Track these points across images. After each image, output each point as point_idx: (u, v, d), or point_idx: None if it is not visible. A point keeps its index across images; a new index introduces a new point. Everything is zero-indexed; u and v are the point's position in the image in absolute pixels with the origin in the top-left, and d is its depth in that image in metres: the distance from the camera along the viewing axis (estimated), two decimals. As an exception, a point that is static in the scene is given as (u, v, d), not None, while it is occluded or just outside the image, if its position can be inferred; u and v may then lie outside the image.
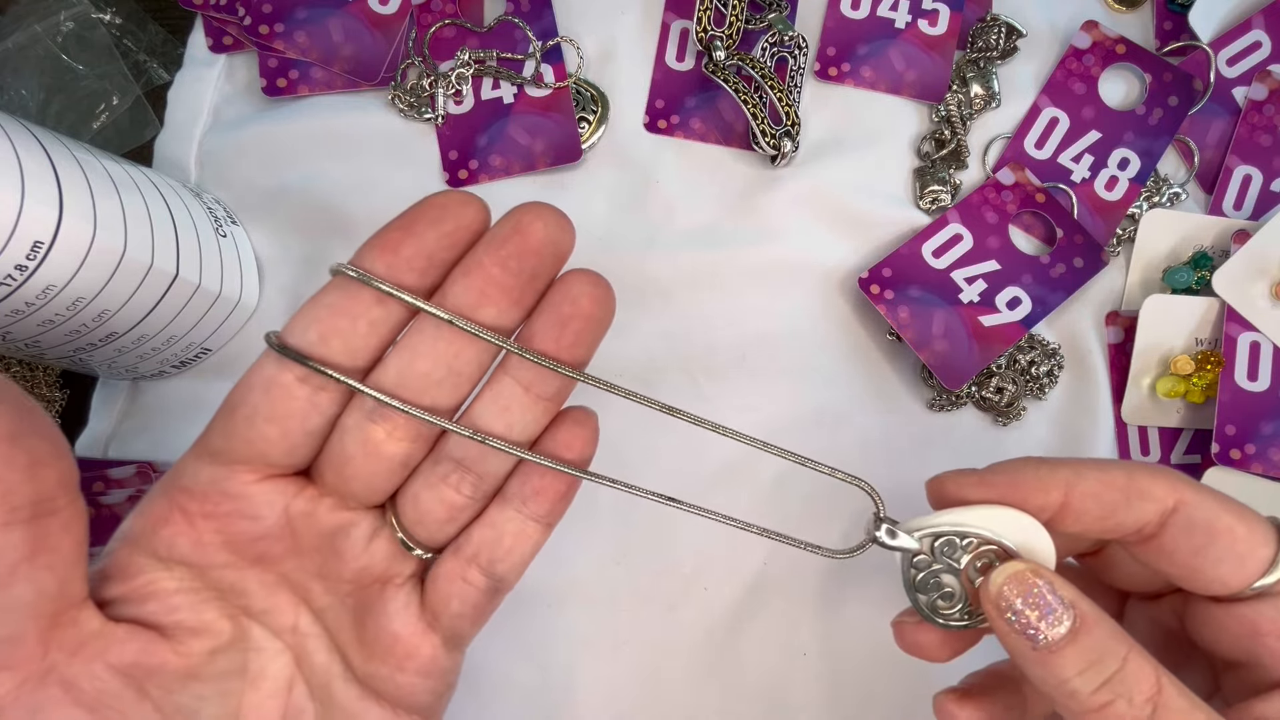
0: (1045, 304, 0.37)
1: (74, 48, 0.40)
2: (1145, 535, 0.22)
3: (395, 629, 0.23)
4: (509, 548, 0.23)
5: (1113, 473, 0.22)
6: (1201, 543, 0.21)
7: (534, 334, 0.22)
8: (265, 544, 0.22)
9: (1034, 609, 0.21)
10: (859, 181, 0.38)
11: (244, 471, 0.22)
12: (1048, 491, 0.22)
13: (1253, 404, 0.36)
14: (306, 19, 0.39)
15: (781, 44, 0.39)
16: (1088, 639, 0.21)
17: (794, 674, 0.36)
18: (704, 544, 0.36)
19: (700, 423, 0.23)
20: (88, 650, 0.20)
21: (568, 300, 0.21)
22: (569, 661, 0.35)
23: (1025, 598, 0.21)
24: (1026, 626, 0.21)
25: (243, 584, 0.22)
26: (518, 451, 0.22)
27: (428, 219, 0.21)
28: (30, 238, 0.27)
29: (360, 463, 0.22)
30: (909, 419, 0.38)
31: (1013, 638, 0.21)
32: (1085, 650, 0.20)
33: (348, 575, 0.23)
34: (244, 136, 0.39)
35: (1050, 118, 0.39)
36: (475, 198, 0.21)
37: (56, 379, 0.39)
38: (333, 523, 0.23)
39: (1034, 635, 0.21)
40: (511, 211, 0.21)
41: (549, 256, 0.21)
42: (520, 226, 0.21)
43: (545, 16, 0.39)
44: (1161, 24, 0.40)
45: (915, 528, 0.23)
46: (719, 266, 0.38)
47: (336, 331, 0.21)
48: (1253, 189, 0.38)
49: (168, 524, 0.22)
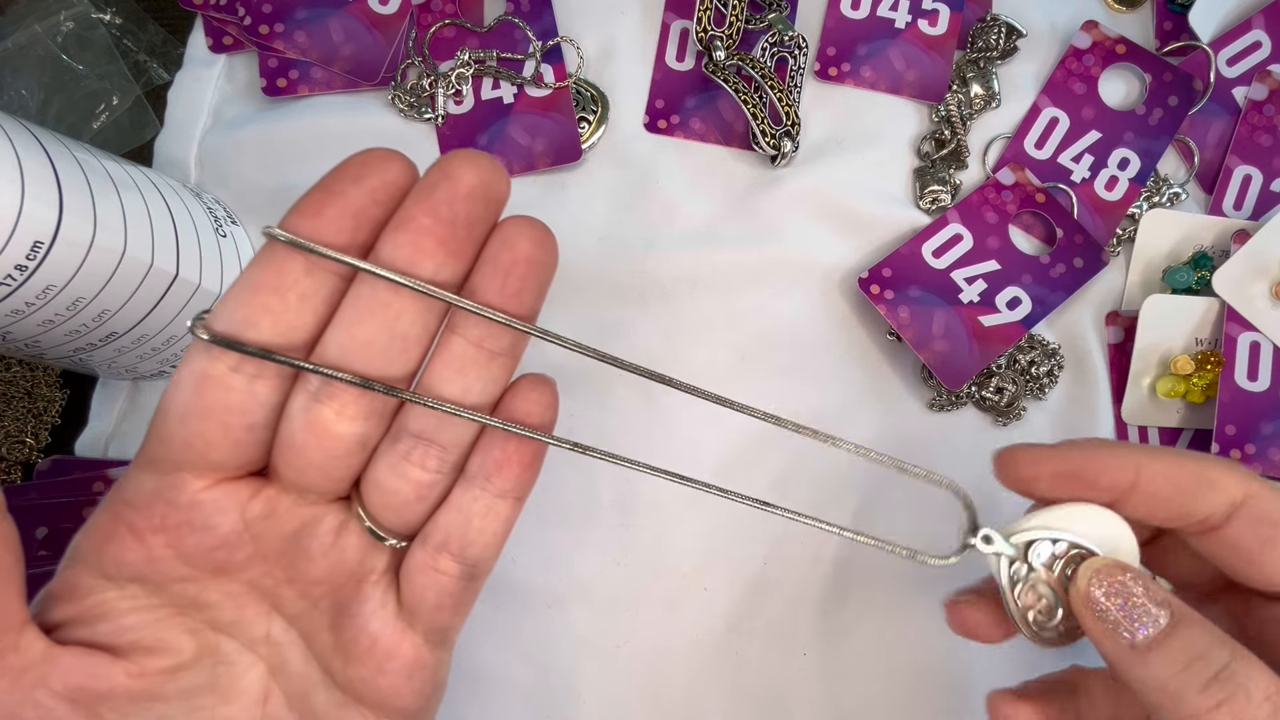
0: (1045, 304, 0.37)
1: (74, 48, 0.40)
2: (1211, 526, 0.22)
3: (373, 630, 0.22)
4: (479, 529, 0.22)
5: (1185, 460, 0.22)
6: (1268, 536, 0.21)
7: (477, 287, 0.20)
8: (224, 553, 0.21)
9: (1126, 606, 0.20)
10: (859, 181, 0.38)
11: (190, 479, 0.20)
12: (1121, 470, 0.22)
13: (1253, 404, 0.36)
14: (306, 19, 0.39)
15: (781, 44, 0.39)
16: (1187, 633, 0.20)
17: (794, 674, 0.36)
18: (704, 544, 0.36)
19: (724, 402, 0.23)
20: (29, 677, 0.19)
21: (506, 247, 0.20)
22: (569, 662, 0.35)
23: (1116, 595, 0.20)
24: (1119, 624, 0.20)
25: (205, 596, 0.21)
26: (479, 417, 0.21)
27: (350, 176, 0.19)
28: (30, 238, 0.27)
29: (313, 450, 0.20)
30: (909, 419, 0.38)
31: (1107, 637, 0.21)
32: (1186, 645, 0.20)
33: (318, 575, 0.22)
34: (244, 136, 0.39)
35: (1050, 118, 0.39)
36: (398, 153, 0.20)
37: (56, 379, 0.39)
38: (295, 521, 0.21)
39: (1129, 633, 0.20)
40: (439, 160, 0.20)
41: (482, 201, 0.20)
42: (448, 173, 0.19)
43: (545, 16, 0.39)
44: (1161, 24, 0.40)
45: (1009, 532, 0.23)
46: (719, 266, 0.38)
47: (266, 310, 0.19)
48: (1253, 189, 0.38)
49: (114, 540, 0.20)
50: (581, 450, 0.22)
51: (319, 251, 0.19)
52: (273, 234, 0.19)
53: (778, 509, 0.23)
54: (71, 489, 0.35)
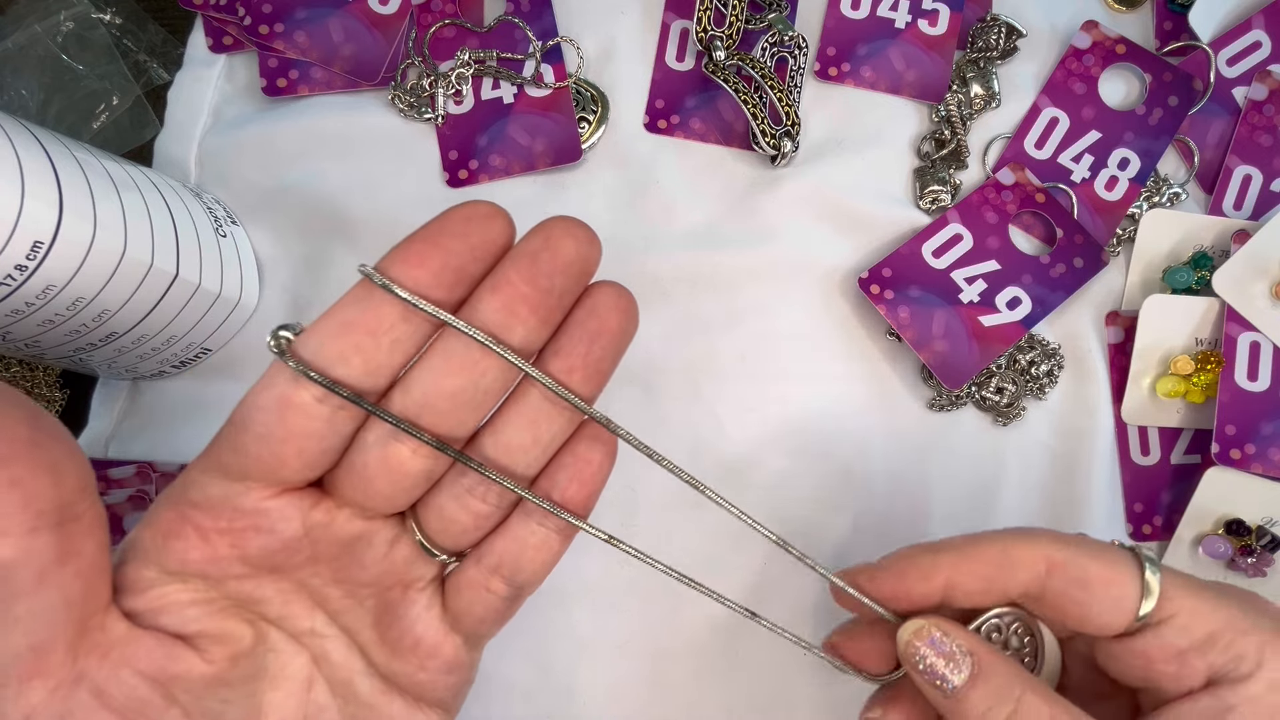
0: (1045, 304, 0.37)
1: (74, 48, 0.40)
2: (1033, 596, 0.24)
3: (418, 631, 0.23)
4: (531, 558, 0.23)
5: (986, 548, 0.24)
6: (1080, 596, 0.23)
7: (560, 350, 0.21)
8: (283, 556, 0.22)
9: (939, 659, 0.23)
10: (859, 181, 0.38)
11: (258, 488, 0.21)
12: (930, 579, 0.24)
13: (1253, 404, 0.36)
14: (306, 19, 0.39)
15: (781, 44, 0.39)
16: (986, 684, 0.23)
17: (794, 674, 0.36)
18: (705, 545, 0.36)
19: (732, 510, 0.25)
20: (115, 656, 0.20)
21: (595, 316, 0.21)
22: (570, 661, 0.35)
23: (932, 649, 0.24)
24: (934, 676, 0.23)
25: (258, 592, 0.22)
26: (544, 504, 0.22)
27: (453, 231, 0.20)
28: (30, 238, 0.27)
29: (382, 480, 0.21)
30: (909, 419, 0.38)
31: (927, 687, 0.24)
32: (986, 694, 0.23)
33: (367, 580, 0.23)
34: (244, 136, 0.39)
35: (1050, 118, 0.39)
36: (500, 210, 0.21)
37: (56, 379, 0.39)
38: (351, 531, 0.22)
39: (942, 683, 0.23)
40: (540, 227, 0.21)
41: (578, 274, 0.21)
42: (550, 242, 0.20)
43: (545, 16, 0.39)
44: (1161, 24, 0.40)
45: (975, 625, 0.25)
46: (719, 266, 0.38)
47: (358, 349, 0.20)
48: (1253, 189, 0.38)
49: (179, 538, 0.21)
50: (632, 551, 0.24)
51: (431, 311, 0.20)
52: (372, 277, 0.20)
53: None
54: (71, 489, 0.35)
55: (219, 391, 0.38)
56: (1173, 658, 0.23)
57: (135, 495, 0.35)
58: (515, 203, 0.39)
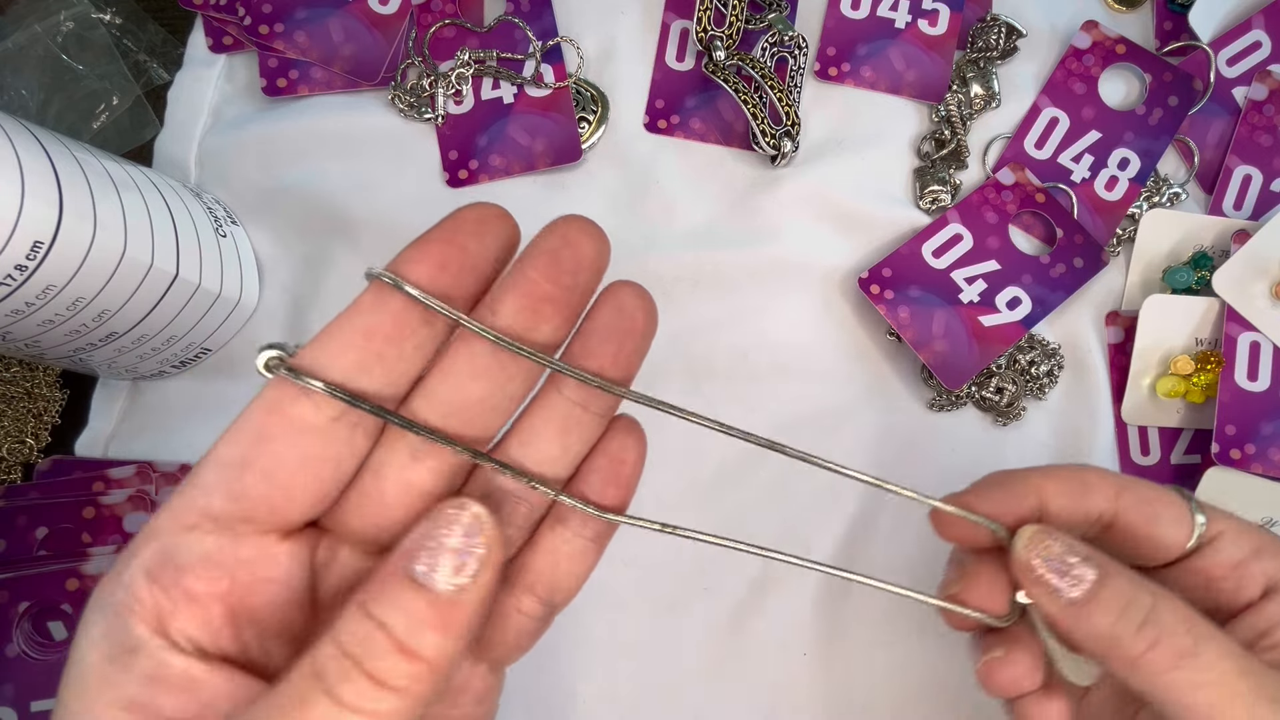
0: (1045, 304, 0.37)
1: (74, 48, 0.40)
2: (1104, 522, 0.24)
3: None
4: (567, 572, 0.21)
5: (1063, 472, 0.24)
6: (1149, 514, 0.23)
7: (591, 350, 0.20)
8: (292, 609, 0.19)
9: (1059, 568, 0.22)
10: (859, 181, 0.38)
11: (255, 534, 0.19)
12: (1030, 496, 0.24)
13: (1253, 404, 0.36)
14: (306, 19, 0.39)
15: (781, 44, 0.39)
16: (1115, 585, 0.22)
17: (794, 674, 0.36)
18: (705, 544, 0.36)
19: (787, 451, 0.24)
20: None
21: (621, 315, 0.20)
22: (570, 661, 0.35)
23: (1049, 559, 0.22)
24: (1055, 586, 0.22)
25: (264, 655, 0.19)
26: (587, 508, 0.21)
27: (469, 231, 0.19)
28: (30, 238, 0.27)
29: (402, 509, 0.19)
30: (909, 419, 0.38)
31: (1048, 599, 0.22)
32: (1116, 594, 0.22)
33: None
34: (244, 136, 0.39)
35: (1050, 118, 0.39)
36: (508, 212, 0.20)
37: (56, 379, 0.39)
38: (357, 569, 0.20)
39: (1068, 589, 0.22)
40: (555, 225, 0.20)
41: (597, 272, 0.20)
42: (570, 240, 0.19)
43: (545, 16, 0.39)
44: (1161, 24, 0.40)
45: None
46: (719, 266, 0.38)
47: (380, 358, 0.18)
48: (1253, 189, 0.38)
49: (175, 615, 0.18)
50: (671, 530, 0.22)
51: (456, 317, 0.18)
52: (388, 280, 0.18)
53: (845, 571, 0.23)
54: (71, 489, 0.35)
55: (219, 391, 0.38)
56: (1230, 571, 0.23)
57: (135, 495, 0.35)
58: (515, 203, 0.39)
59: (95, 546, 0.33)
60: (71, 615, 0.32)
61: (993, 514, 0.23)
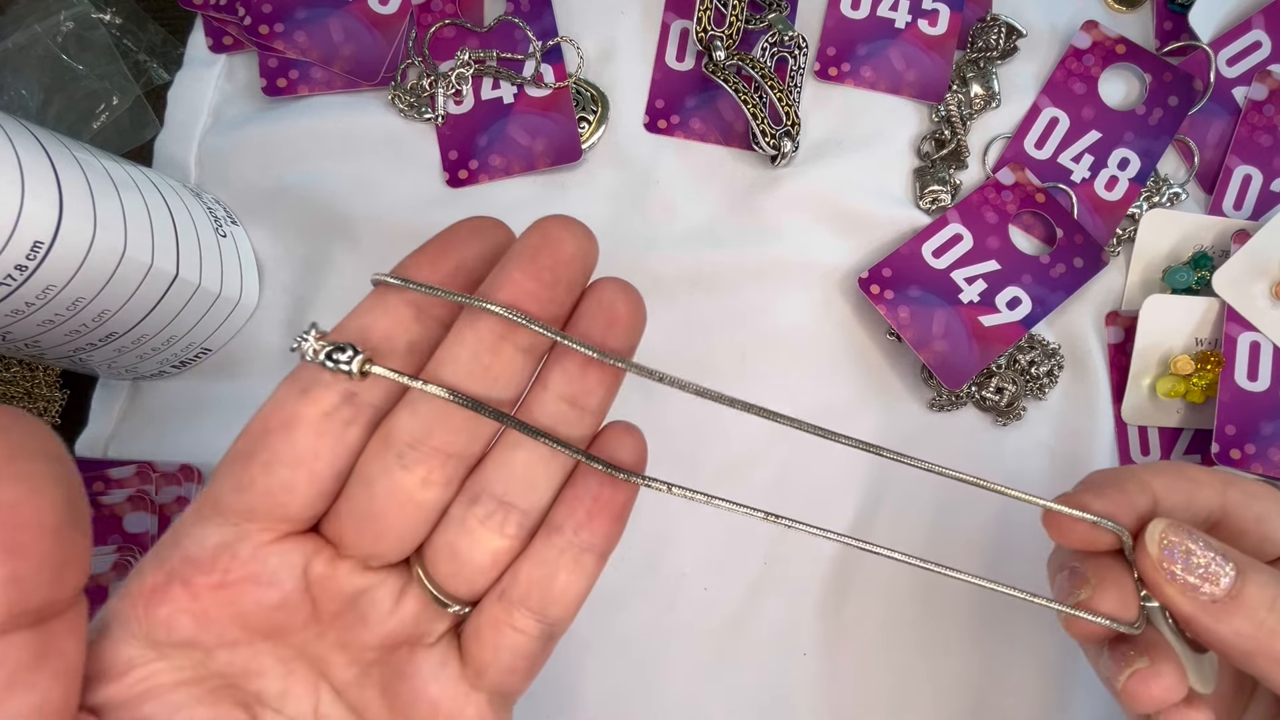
0: (1045, 304, 0.37)
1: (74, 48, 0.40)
2: (1213, 519, 0.23)
3: (433, 694, 0.20)
4: (565, 584, 0.20)
5: (1169, 468, 0.23)
6: (1259, 509, 0.22)
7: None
8: (282, 614, 0.20)
9: (1196, 565, 0.21)
10: (859, 181, 0.38)
11: (258, 531, 0.19)
12: (1145, 491, 0.22)
13: (1253, 404, 0.36)
14: (306, 19, 0.39)
15: (781, 44, 0.39)
16: (1258, 578, 0.21)
17: (794, 674, 0.36)
18: (704, 544, 0.36)
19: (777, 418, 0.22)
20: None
21: (605, 308, 0.20)
22: (569, 661, 0.35)
23: (1185, 556, 0.21)
24: (1195, 584, 0.21)
25: (254, 663, 0.20)
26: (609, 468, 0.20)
27: (463, 239, 0.20)
28: (30, 238, 0.27)
29: (393, 518, 0.19)
30: (909, 419, 0.38)
31: (1186, 599, 0.21)
32: (1262, 589, 0.21)
33: (373, 641, 0.20)
34: (244, 136, 0.39)
35: (1050, 118, 0.39)
36: (503, 223, 0.20)
37: (56, 379, 0.39)
38: (355, 585, 0.20)
39: (1209, 586, 0.21)
40: (536, 225, 0.20)
41: (580, 269, 0.20)
42: (550, 239, 0.19)
43: (545, 16, 0.39)
44: (1161, 24, 0.40)
45: None
46: (719, 266, 0.38)
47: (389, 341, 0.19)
48: (1253, 189, 0.38)
49: (166, 601, 0.19)
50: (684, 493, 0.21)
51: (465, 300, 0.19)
52: (389, 280, 0.19)
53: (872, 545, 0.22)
54: (71, 489, 0.35)
55: (219, 391, 0.38)
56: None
57: (135, 495, 0.35)
58: (515, 203, 0.39)
59: (95, 546, 0.33)
60: (71, 615, 0.32)
61: (1108, 513, 0.22)
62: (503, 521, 0.20)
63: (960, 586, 0.36)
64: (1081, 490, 0.23)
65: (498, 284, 0.19)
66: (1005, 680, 0.36)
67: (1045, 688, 0.35)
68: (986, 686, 0.36)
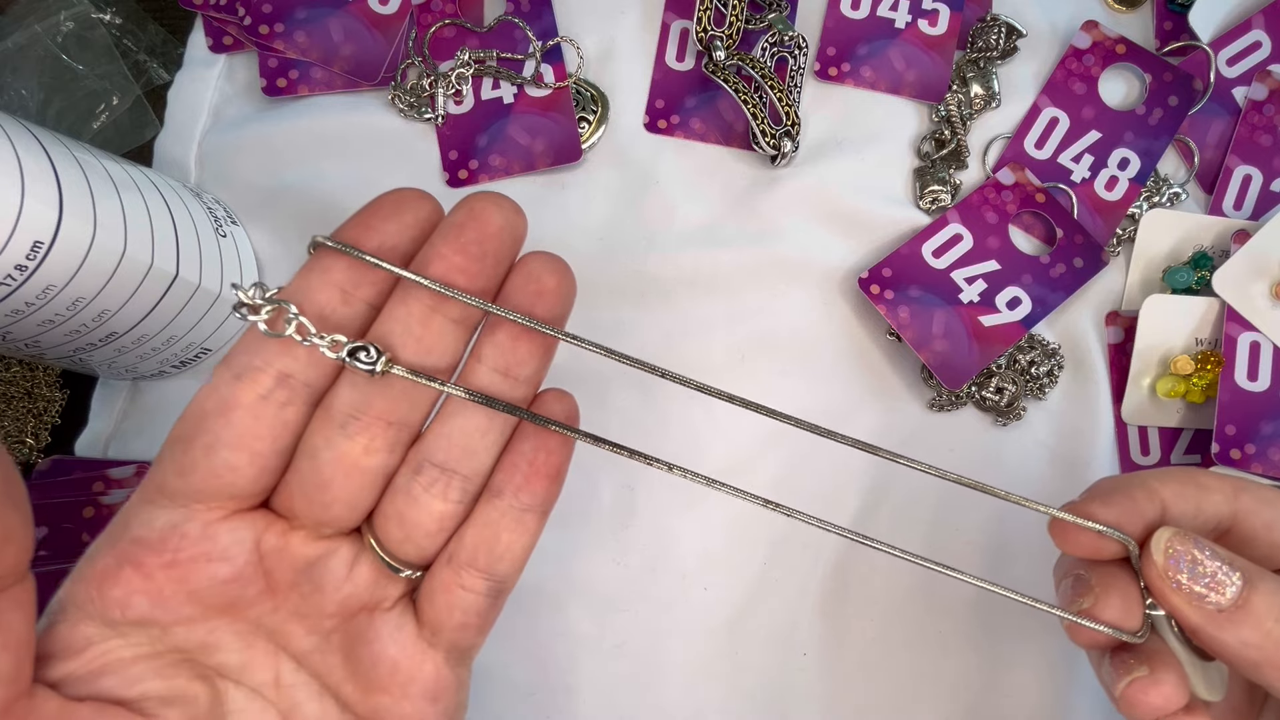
0: (1045, 304, 0.37)
1: (74, 48, 0.40)
2: (1223, 526, 0.22)
3: (392, 655, 0.21)
4: (508, 543, 0.21)
5: (1178, 474, 0.22)
6: (1270, 515, 0.22)
7: (497, 319, 0.21)
8: (236, 588, 0.20)
9: (1203, 575, 0.21)
10: (859, 181, 0.38)
11: (205, 510, 0.20)
12: (1154, 499, 0.22)
13: (1253, 404, 0.36)
14: (306, 19, 0.39)
15: (781, 44, 0.39)
16: (1265, 587, 0.20)
17: (794, 674, 0.36)
18: (704, 544, 0.36)
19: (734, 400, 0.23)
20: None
21: (533, 280, 0.21)
22: (569, 661, 0.35)
23: (1191, 565, 0.21)
24: (1201, 593, 0.21)
25: (211, 638, 0.20)
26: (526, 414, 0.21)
27: (384, 214, 0.20)
28: (30, 238, 0.27)
29: (340, 485, 0.20)
30: (909, 419, 0.38)
31: (1192, 609, 0.21)
32: (1269, 599, 0.20)
33: (330, 610, 0.21)
34: (244, 136, 0.39)
35: (1050, 118, 0.39)
36: (427, 194, 0.21)
37: (56, 379, 0.39)
38: (308, 555, 0.21)
39: (1215, 595, 0.21)
40: (463, 202, 0.20)
41: (508, 242, 0.20)
42: (475, 213, 0.20)
43: (545, 16, 0.39)
44: (1161, 24, 0.40)
45: None
46: (719, 266, 0.38)
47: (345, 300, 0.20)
48: (1253, 189, 0.38)
49: (118, 582, 0.19)
50: (615, 448, 0.21)
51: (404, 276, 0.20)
52: (323, 242, 0.20)
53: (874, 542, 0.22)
54: (71, 489, 0.35)
55: (219, 391, 0.38)
56: None
57: (135, 495, 0.35)
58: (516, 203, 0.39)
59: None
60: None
61: (1115, 522, 0.22)
62: (445, 488, 0.21)
63: (960, 587, 0.36)
64: (1088, 498, 0.23)
65: (428, 259, 0.20)
66: (1005, 681, 0.36)
67: (1045, 688, 0.35)
68: (986, 687, 0.36)
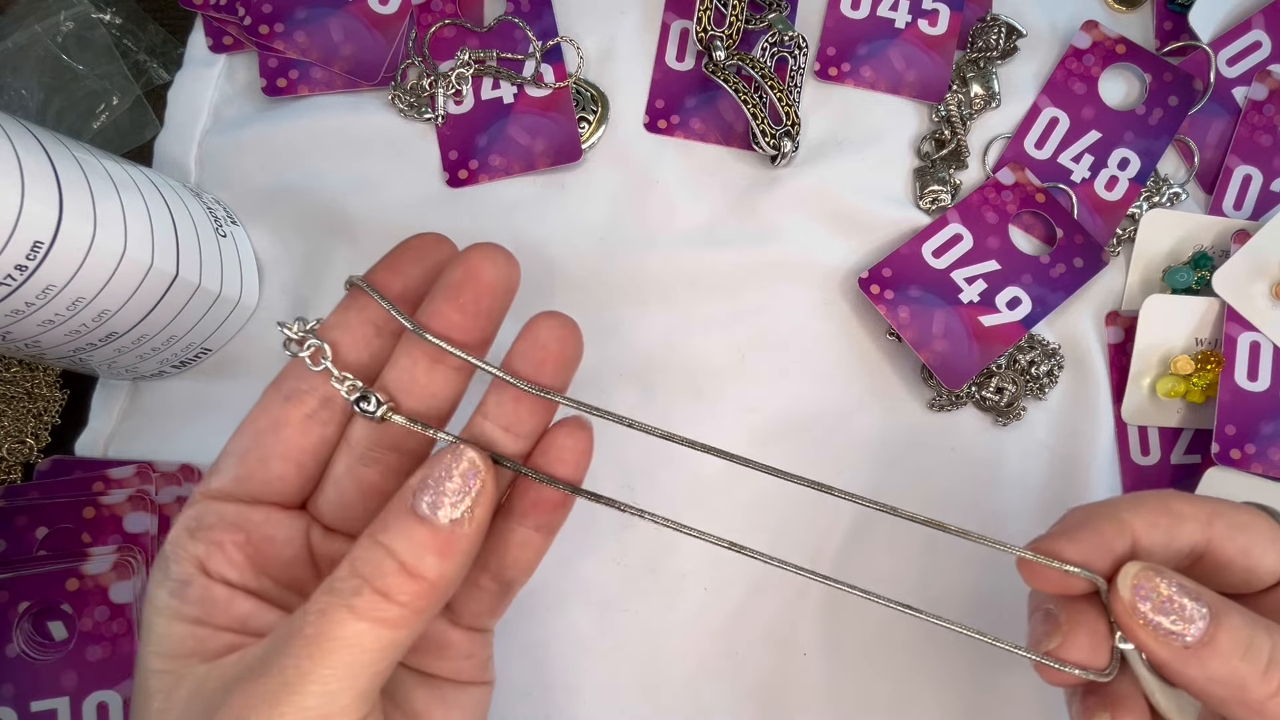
0: (1045, 304, 0.37)
1: (74, 48, 0.40)
2: (1196, 552, 0.22)
3: (426, 631, 0.24)
4: (515, 557, 0.24)
5: (1150, 502, 0.22)
6: (1244, 541, 0.22)
7: (511, 372, 0.23)
8: (296, 569, 0.24)
9: (1169, 609, 0.21)
10: (859, 181, 0.38)
11: (260, 508, 0.23)
12: (1124, 534, 0.22)
13: (1253, 404, 0.36)
14: (306, 19, 0.39)
15: (781, 44, 0.39)
16: (1231, 623, 0.20)
17: (794, 674, 0.36)
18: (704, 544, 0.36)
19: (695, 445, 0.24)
20: None
21: (538, 346, 0.23)
22: (569, 661, 0.35)
23: (1158, 600, 0.21)
24: (1167, 629, 0.21)
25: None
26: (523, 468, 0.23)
27: (409, 257, 0.24)
28: (30, 238, 0.27)
29: (360, 507, 0.24)
30: (909, 419, 0.37)
31: (1158, 644, 0.21)
32: (1234, 635, 0.20)
33: None
34: (244, 136, 0.39)
35: (1050, 118, 0.39)
36: (446, 239, 0.24)
37: (56, 379, 0.39)
38: (334, 552, 0.24)
39: (1180, 633, 0.20)
40: (460, 256, 0.23)
41: (501, 294, 0.23)
42: (471, 271, 0.22)
43: (545, 16, 0.39)
44: (1161, 24, 0.40)
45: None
46: (719, 266, 0.38)
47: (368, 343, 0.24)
48: (1253, 189, 0.38)
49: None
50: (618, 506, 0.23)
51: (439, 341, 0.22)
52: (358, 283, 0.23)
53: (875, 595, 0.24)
54: (71, 489, 0.35)
55: (219, 391, 0.38)
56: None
57: (135, 495, 0.35)
58: (515, 203, 0.39)
59: (95, 546, 0.33)
60: (71, 615, 0.32)
61: (1083, 560, 0.22)
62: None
63: (960, 587, 0.36)
64: (1056, 535, 0.23)
65: (429, 315, 0.23)
66: (1005, 681, 0.36)
67: (1045, 689, 0.35)
68: (986, 686, 0.36)
